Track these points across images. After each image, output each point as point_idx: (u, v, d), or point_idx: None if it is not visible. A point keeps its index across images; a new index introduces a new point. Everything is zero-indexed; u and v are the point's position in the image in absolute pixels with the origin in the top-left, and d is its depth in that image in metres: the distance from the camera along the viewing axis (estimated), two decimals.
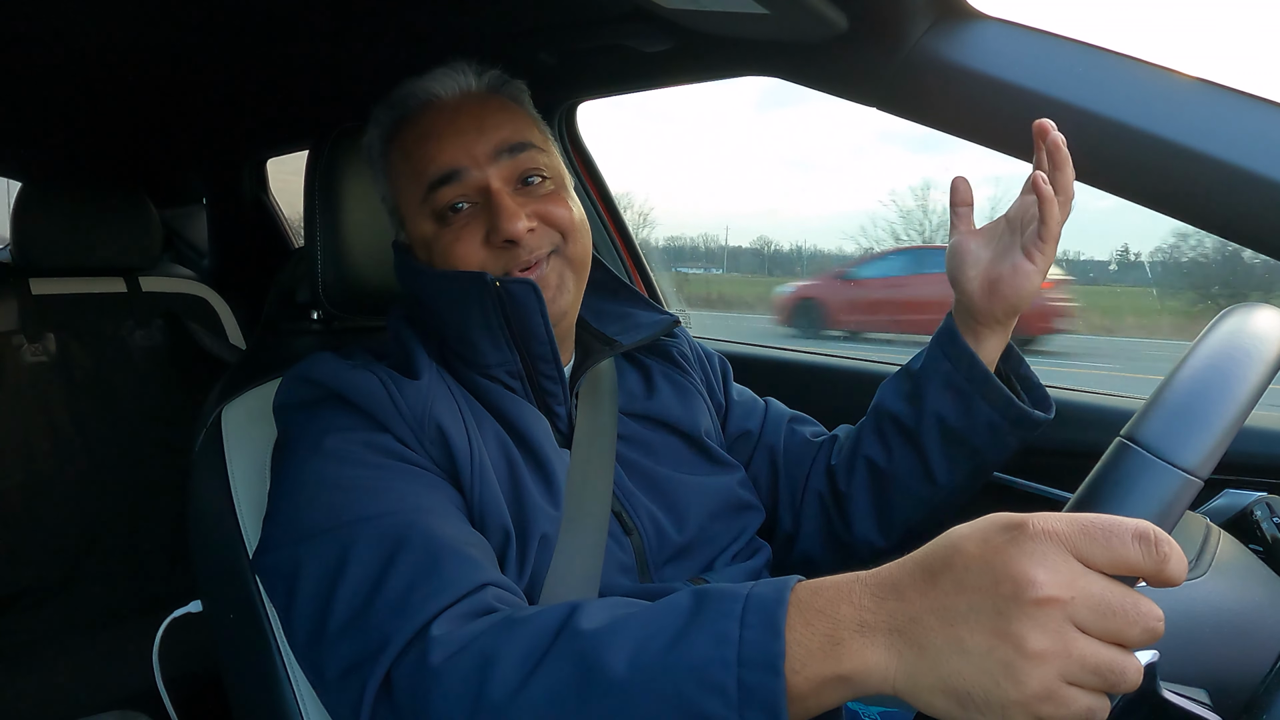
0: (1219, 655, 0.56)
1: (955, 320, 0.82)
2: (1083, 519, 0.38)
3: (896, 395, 0.87)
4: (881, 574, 0.43)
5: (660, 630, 0.47)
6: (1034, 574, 0.37)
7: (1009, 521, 0.39)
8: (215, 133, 1.88)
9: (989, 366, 0.80)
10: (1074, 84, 0.72)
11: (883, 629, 0.41)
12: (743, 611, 0.44)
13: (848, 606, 0.42)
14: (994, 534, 0.39)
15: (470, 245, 0.74)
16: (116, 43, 1.17)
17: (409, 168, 0.77)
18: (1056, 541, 0.38)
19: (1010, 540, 0.38)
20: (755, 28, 0.84)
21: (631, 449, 0.83)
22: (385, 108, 0.82)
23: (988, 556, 0.39)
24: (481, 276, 0.72)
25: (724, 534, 0.85)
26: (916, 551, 0.42)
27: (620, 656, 0.47)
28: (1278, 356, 0.53)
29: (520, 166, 0.77)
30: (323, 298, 0.91)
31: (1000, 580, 0.38)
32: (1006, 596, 0.37)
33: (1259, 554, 0.71)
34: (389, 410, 0.69)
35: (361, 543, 0.61)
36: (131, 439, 1.79)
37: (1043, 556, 0.37)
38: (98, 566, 1.77)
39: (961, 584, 0.39)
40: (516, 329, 0.74)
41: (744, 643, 0.43)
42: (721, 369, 0.99)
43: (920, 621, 0.40)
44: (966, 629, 0.38)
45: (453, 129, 0.76)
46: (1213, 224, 0.70)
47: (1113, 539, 0.37)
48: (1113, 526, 0.38)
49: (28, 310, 1.67)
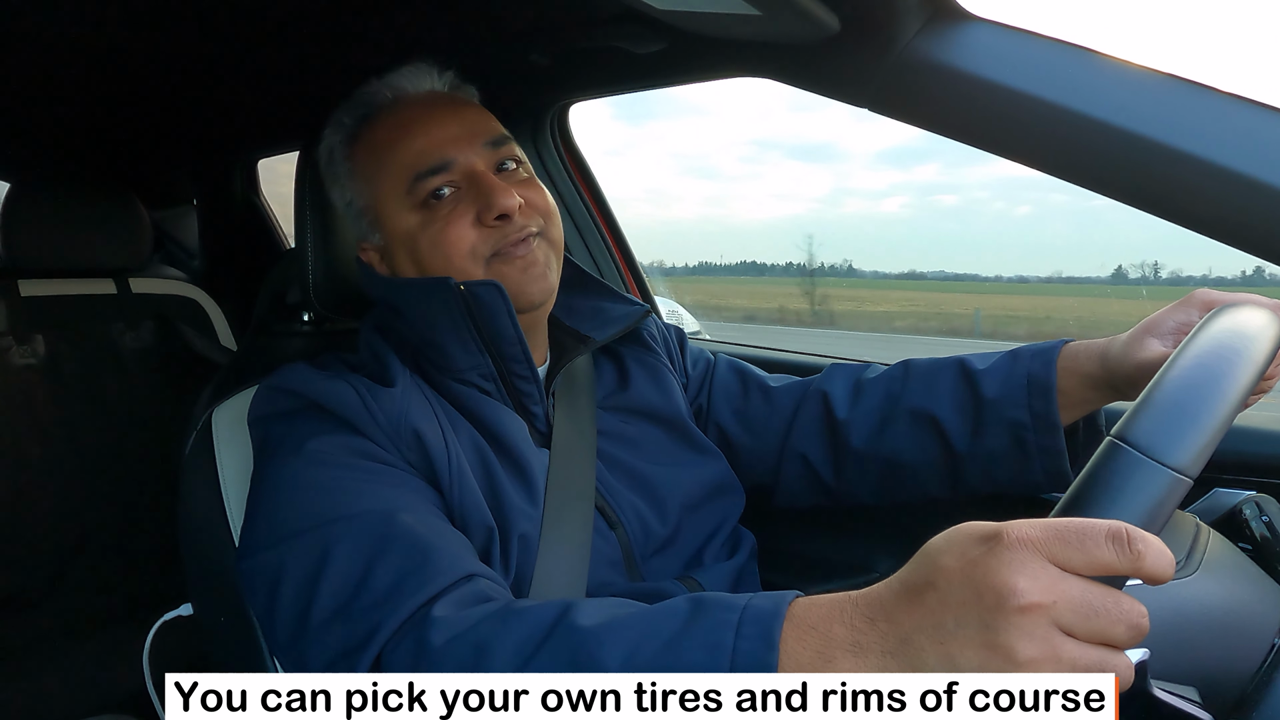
0: (1209, 653, 0.57)
1: (1059, 376, 0.79)
2: (1057, 524, 0.39)
3: (952, 407, 0.84)
4: (871, 595, 0.43)
5: (656, 633, 0.48)
6: (1014, 582, 0.37)
7: (984, 533, 0.40)
8: (206, 133, 1.87)
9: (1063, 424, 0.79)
10: (1065, 85, 0.72)
11: (875, 651, 0.41)
12: (739, 622, 0.45)
13: (841, 627, 0.43)
14: (971, 547, 0.40)
15: (461, 227, 0.74)
16: (106, 43, 1.16)
17: (388, 161, 0.77)
18: (1033, 549, 0.38)
19: (988, 551, 0.39)
20: (747, 29, 0.84)
21: (611, 444, 0.83)
22: (348, 109, 0.82)
23: (967, 570, 0.39)
24: (445, 281, 0.73)
25: (707, 522, 0.85)
26: (900, 571, 0.43)
27: (615, 655, 0.47)
28: (1266, 356, 0.54)
29: (500, 156, 0.78)
30: (313, 299, 0.91)
31: (983, 593, 0.38)
32: (991, 608, 0.38)
33: (1248, 552, 0.71)
34: (365, 419, 0.69)
35: (344, 540, 0.61)
36: (121, 441, 1.78)
37: (1021, 565, 0.38)
38: (87, 569, 1.75)
39: (945, 600, 0.39)
40: (485, 331, 0.74)
41: (738, 652, 0.44)
42: (679, 339, 1.00)
43: (911, 642, 0.40)
44: (956, 645, 0.39)
45: (433, 121, 0.77)
46: (1203, 225, 0.70)
47: (1086, 541, 0.38)
48: (1086, 529, 0.38)
49: (16, 312, 1.66)
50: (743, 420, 0.95)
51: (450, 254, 0.75)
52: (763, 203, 27.92)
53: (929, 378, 0.87)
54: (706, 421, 0.95)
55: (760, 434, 0.94)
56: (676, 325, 1.02)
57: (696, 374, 0.98)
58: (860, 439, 0.88)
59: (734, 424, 0.95)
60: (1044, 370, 0.79)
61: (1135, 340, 0.74)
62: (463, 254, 0.74)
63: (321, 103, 0.85)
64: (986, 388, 0.82)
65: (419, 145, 0.76)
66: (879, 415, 0.88)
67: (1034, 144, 0.76)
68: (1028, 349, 0.83)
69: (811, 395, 0.93)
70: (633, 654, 0.47)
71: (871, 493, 0.91)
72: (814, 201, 26.48)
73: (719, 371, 0.98)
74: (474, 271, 0.75)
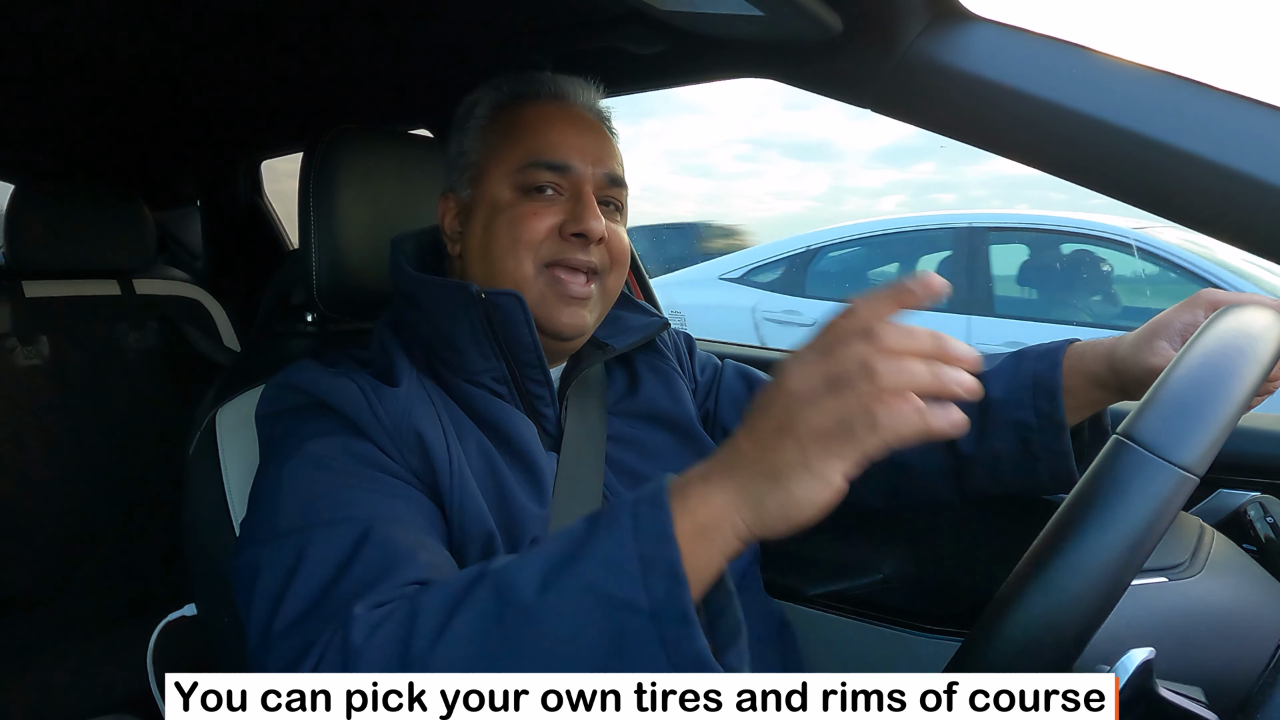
0: (1214, 653, 0.56)
1: (1064, 376, 0.79)
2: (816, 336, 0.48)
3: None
4: (722, 446, 0.51)
5: (564, 547, 0.51)
6: (792, 379, 0.47)
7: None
8: (210, 134, 1.87)
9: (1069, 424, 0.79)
10: (1068, 86, 0.72)
11: (717, 471, 0.49)
12: (633, 503, 0.50)
13: (697, 473, 0.50)
14: (779, 375, 0.49)
15: (542, 223, 0.76)
16: (110, 44, 1.17)
17: (519, 137, 0.79)
18: (802, 354, 0.48)
19: (785, 369, 0.48)
20: (750, 29, 0.84)
21: (621, 450, 0.83)
22: (510, 80, 0.84)
23: (774, 388, 0.48)
24: (467, 288, 0.73)
25: None
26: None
27: (531, 577, 0.50)
28: (1271, 355, 0.54)
29: (611, 193, 0.81)
30: (317, 300, 0.91)
31: (778, 394, 0.47)
32: (782, 402, 0.47)
33: (1253, 553, 0.71)
34: (369, 418, 0.69)
35: (320, 546, 0.61)
36: (125, 442, 1.78)
37: (796, 365, 0.47)
38: (92, 570, 1.76)
39: (765, 414, 0.48)
40: (502, 338, 0.75)
41: (638, 518, 0.49)
42: (688, 345, 1.00)
43: (744, 454, 0.48)
44: (772, 440, 0.47)
45: (577, 130, 0.80)
46: (1204, 224, 0.70)
47: (827, 330, 0.47)
48: (826, 323, 0.48)
49: (21, 313, 1.67)
50: None
51: (519, 239, 0.76)
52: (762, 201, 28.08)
53: None
54: (714, 426, 0.95)
55: None
56: (684, 331, 1.02)
57: (705, 379, 0.98)
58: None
59: None
60: (1049, 371, 0.79)
61: (1141, 340, 0.74)
62: (529, 245, 0.76)
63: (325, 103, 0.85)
64: (991, 389, 0.82)
65: (553, 139, 0.78)
66: None
67: (1037, 144, 0.76)
68: (1032, 350, 0.82)
69: None
70: (547, 570, 0.50)
71: (877, 495, 0.91)
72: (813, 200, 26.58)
73: (726, 377, 0.98)
74: (527, 268, 0.76)
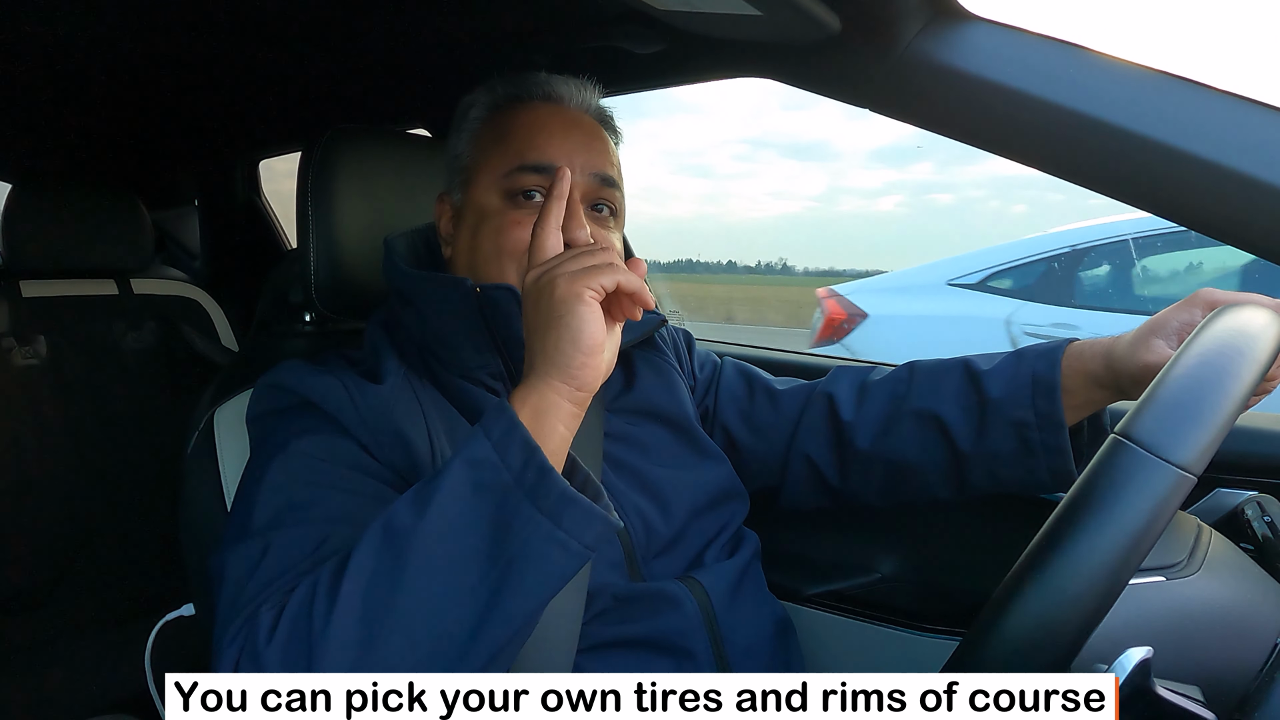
0: (1212, 653, 0.57)
1: (1064, 375, 0.79)
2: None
3: (957, 407, 0.84)
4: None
5: (430, 478, 0.56)
6: (527, 284, 0.61)
7: None
8: (207, 134, 1.87)
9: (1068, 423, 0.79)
10: (1066, 86, 0.72)
11: (527, 372, 0.59)
12: (482, 417, 0.57)
13: (525, 384, 0.59)
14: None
15: (526, 232, 0.75)
16: (108, 44, 1.16)
17: (507, 141, 0.79)
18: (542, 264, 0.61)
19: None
20: (748, 29, 0.84)
21: (619, 447, 0.83)
22: (505, 83, 0.84)
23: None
24: (462, 283, 0.74)
25: (711, 525, 0.86)
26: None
27: (405, 505, 0.55)
28: (1269, 355, 0.54)
29: (601, 194, 0.80)
30: (315, 299, 0.91)
31: (534, 289, 0.60)
32: (532, 297, 0.61)
33: (1250, 553, 0.71)
34: (351, 415, 0.70)
35: (282, 548, 0.61)
36: (123, 442, 1.78)
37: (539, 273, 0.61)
38: (89, 570, 1.76)
39: (527, 315, 0.61)
40: (498, 333, 0.75)
41: (487, 426, 0.56)
42: (687, 342, 1.00)
43: (530, 344, 0.60)
44: (536, 317, 0.60)
45: (565, 131, 0.80)
46: (1203, 224, 0.70)
47: (536, 233, 0.63)
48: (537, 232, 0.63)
49: (18, 313, 1.66)
50: (748, 423, 0.95)
51: (502, 249, 0.76)
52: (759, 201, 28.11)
53: (934, 379, 0.88)
54: (713, 424, 0.96)
55: (766, 437, 0.94)
56: (683, 328, 1.02)
57: (704, 377, 0.98)
58: (865, 440, 0.88)
59: (740, 427, 0.95)
60: (1048, 370, 0.79)
61: (1140, 339, 0.74)
62: (513, 255, 0.76)
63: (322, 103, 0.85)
64: (991, 388, 0.82)
65: (539, 142, 0.78)
66: (884, 416, 0.88)
67: (1036, 144, 0.76)
68: (1032, 349, 0.82)
69: (817, 397, 0.93)
70: (417, 498, 0.55)
71: (877, 494, 0.91)
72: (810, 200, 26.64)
73: (725, 374, 0.98)
74: (512, 278, 0.76)
